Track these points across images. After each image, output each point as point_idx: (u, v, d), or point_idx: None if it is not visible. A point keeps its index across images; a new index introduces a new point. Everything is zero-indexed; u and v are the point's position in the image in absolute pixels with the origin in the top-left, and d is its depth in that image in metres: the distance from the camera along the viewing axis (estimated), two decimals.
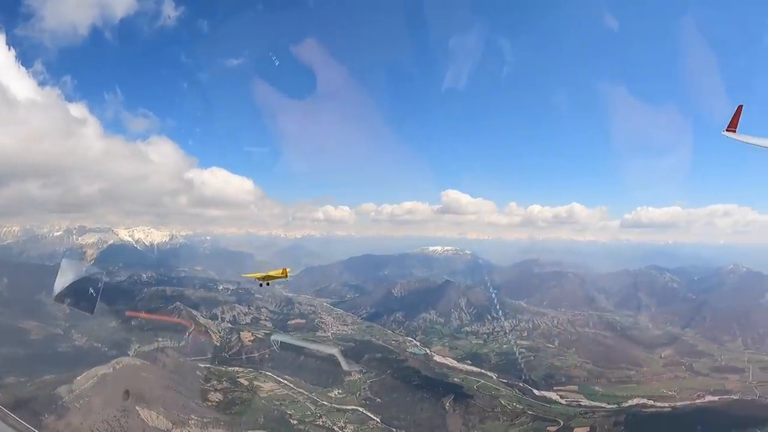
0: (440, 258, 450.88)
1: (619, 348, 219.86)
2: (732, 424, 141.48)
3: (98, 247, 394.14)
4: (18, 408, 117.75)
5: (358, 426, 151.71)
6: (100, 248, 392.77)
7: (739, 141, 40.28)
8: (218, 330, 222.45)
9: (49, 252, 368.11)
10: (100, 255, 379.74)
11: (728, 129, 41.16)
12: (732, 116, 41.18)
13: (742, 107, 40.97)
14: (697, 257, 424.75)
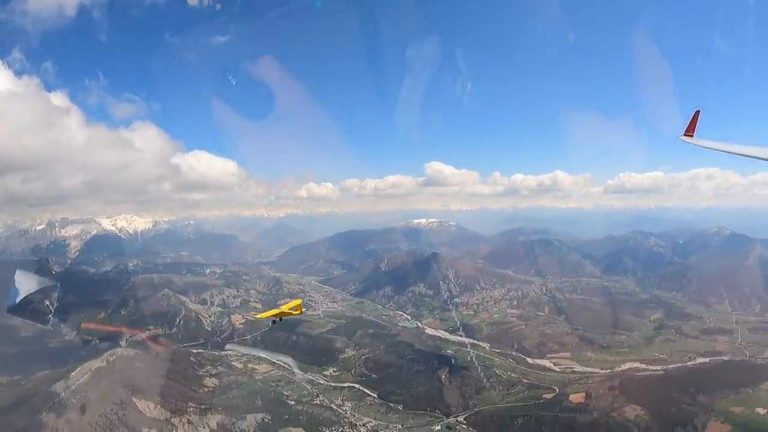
0: (425, 230, 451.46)
1: (608, 313, 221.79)
2: (724, 385, 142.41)
3: (82, 238, 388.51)
4: (17, 407, 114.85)
5: (356, 403, 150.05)
6: (83, 239, 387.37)
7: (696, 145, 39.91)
8: (208, 314, 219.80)
9: (32, 246, 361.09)
10: (84, 246, 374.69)
11: (686, 134, 41.14)
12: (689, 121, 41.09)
13: (699, 112, 41.08)
14: (680, 221, 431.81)
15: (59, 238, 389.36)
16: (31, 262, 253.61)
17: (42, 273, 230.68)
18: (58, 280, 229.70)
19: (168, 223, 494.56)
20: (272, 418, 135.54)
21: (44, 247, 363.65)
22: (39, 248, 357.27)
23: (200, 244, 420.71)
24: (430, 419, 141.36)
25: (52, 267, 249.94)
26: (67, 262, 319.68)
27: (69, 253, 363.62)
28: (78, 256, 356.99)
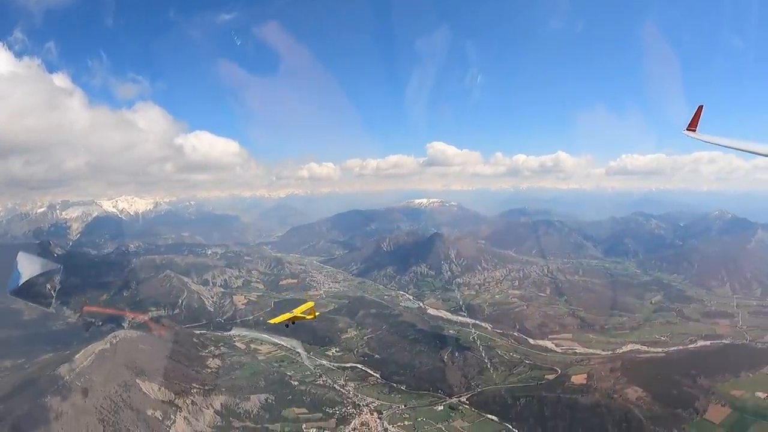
0: (426, 210, 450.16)
1: (609, 295, 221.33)
2: (725, 368, 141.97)
3: (83, 220, 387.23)
4: (21, 391, 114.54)
5: (358, 383, 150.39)
6: (84, 221, 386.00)
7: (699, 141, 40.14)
8: (210, 295, 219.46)
9: (33, 229, 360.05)
10: (85, 228, 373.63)
11: (688, 128, 41.18)
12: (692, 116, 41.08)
13: (702, 107, 40.84)
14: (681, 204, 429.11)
15: (60, 220, 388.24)
16: (32, 245, 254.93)
17: (44, 256, 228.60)
18: (60, 262, 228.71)
19: (169, 204, 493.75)
20: (276, 398, 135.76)
21: (45, 230, 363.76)
22: (40, 231, 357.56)
23: (201, 225, 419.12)
24: (433, 399, 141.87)
25: (53, 249, 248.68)
26: (68, 244, 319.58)
27: (70, 236, 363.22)
28: (79, 238, 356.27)
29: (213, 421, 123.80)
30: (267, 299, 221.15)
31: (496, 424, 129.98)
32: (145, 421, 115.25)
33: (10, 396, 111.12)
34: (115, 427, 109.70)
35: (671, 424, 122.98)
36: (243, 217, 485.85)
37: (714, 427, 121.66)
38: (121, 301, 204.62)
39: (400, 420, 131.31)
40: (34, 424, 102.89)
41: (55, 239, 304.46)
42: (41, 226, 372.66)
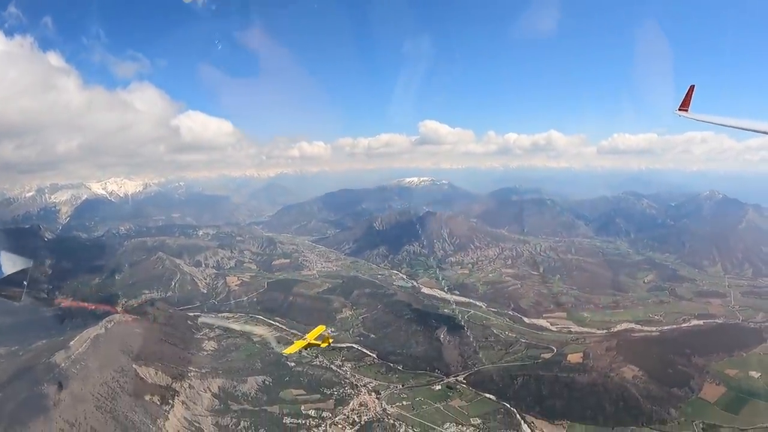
0: (417, 189, 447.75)
1: (602, 274, 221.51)
2: (718, 348, 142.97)
3: (72, 203, 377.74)
4: (17, 379, 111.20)
5: (355, 363, 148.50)
6: (74, 205, 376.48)
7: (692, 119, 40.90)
8: (203, 277, 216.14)
9: (22, 214, 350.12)
10: (74, 212, 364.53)
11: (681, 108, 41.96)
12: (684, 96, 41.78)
13: (693, 87, 41.44)
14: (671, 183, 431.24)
15: (49, 204, 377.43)
16: (21, 230, 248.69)
17: (34, 240, 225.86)
18: (51, 247, 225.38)
19: (158, 185, 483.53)
20: (273, 380, 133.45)
21: (35, 214, 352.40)
22: (29, 215, 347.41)
23: (192, 206, 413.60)
24: (430, 379, 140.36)
25: (43, 234, 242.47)
26: (58, 228, 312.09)
27: (60, 219, 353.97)
28: (69, 221, 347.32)
29: (211, 405, 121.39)
30: (260, 280, 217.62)
31: (494, 403, 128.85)
32: (143, 407, 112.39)
33: (6, 385, 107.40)
34: (113, 414, 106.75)
35: (667, 403, 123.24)
36: (233, 197, 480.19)
37: (709, 405, 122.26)
38: (113, 284, 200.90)
39: (398, 400, 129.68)
40: (31, 413, 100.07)
41: (45, 223, 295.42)
42: (30, 211, 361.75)
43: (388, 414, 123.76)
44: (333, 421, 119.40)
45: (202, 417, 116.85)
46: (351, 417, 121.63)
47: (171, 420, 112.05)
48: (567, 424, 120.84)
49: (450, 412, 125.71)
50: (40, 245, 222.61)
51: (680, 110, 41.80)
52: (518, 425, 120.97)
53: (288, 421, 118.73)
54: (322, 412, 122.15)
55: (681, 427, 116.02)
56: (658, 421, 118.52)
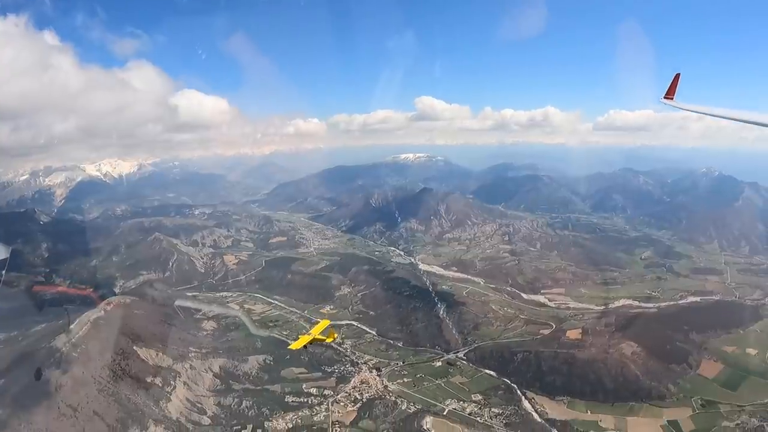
0: (413, 165, 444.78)
1: (599, 250, 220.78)
2: (716, 324, 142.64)
3: (67, 186, 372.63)
4: (18, 365, 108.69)
5: (355, 341, 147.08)
6: (69, 187, 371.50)
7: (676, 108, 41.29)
8: (201, 256, 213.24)
9: (17, 198, 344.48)
10: (70, 194, 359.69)
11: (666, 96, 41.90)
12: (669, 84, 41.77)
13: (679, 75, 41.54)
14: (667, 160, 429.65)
15: (44, 187, 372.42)
16: (17, 214, 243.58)
17: (29, 224, 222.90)
18: (47, 230, 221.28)
19: (153, 165, 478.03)
20: (274, 359, 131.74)
21: (29, 198, 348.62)
22: (24, 199, 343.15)
23: (187, 185, 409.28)
24: (431, 356, 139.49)
25: (39, 217, 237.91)
26: (53, 211, 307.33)
27: (55, 202, 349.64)
28: (64, 204, 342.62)
29: (213, 385, 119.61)
30: (258, 258, 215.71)
31: (495, 380, 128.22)
32: (145, 389, 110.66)
33: (8, 371, 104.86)
34: (116, 397, 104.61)
35: (666, 379, 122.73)
36: (228, 175, 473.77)
37: (708, 382, 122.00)
38: (111, 266, 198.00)
39: (399, 377, 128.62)
40: (34, 398, 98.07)
41: (40, 207, 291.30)
42: (25, 194, 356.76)
43: (390, 391, 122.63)
44: (335, 398, 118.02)
45: (204, 397, 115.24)
46: (353, 395, 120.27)
47: (173, 401, 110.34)
48: (567, 400, 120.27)
49: (451, 388, 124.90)
50: (36, 229, 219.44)
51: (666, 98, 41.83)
52: (519, 401, 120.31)
53: (290, 399, 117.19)
54: (323, 390, 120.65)
55: (680, 402, 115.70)
56: (657, 397, 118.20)
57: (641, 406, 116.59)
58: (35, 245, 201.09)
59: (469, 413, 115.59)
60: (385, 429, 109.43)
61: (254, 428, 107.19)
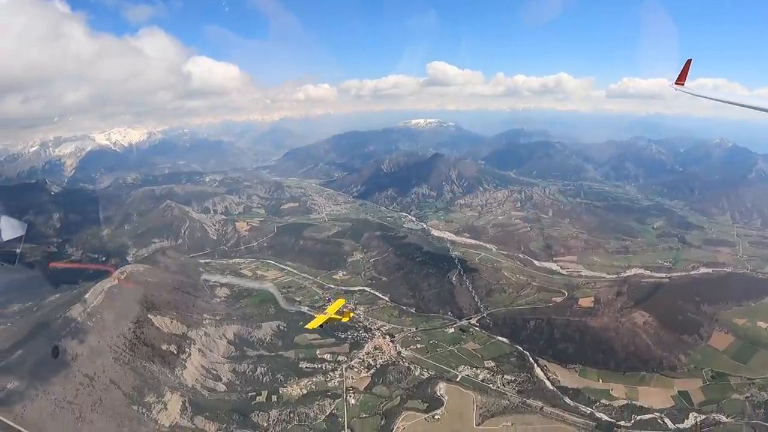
0: (424, 131, 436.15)
1: (611, 218, 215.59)
2: (727, 297, 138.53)
3: (77, 156, 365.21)
4: (35, 335, 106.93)
5: (368, 306, 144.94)
6: (79, 157, 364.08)
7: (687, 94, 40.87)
8: (212, 223, 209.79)
9: (27, 169, 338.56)
10: (80, 164, 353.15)
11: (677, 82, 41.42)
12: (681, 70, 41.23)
13: (690, 61, 41.14)
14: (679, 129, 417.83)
15: (54, 158, 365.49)
16: (28, 186, 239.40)
17: (40, 195, 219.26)
18: (58, 200, 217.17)
19: (162, 133, 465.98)
20: (287, 325, 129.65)
21: (39, 169, 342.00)
22: (34, 170, 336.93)
23: (197, 153, 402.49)
24: (443, 322, 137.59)
25: (50, 188, 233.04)
26: (64, 181, 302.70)
27: (65, 172, 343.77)
28: (75, 174, 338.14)
29: (227, 351, 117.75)
30: (269, 224, 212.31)
31: (507, 347, 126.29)
32: (161, 356, 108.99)
33: (25, 341, 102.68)
34: (131, 365, 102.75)
35: (677, 350, 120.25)
36: (238, 142, 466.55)
37: (718, 353, 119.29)
38: (123, 234, 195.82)
39: (412, 343, 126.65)
40: (51, 368, 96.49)
41: (50, 177, 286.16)
42: (35, 165, 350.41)
43: (403, 357, 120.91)
44: (349, 364, 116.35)
45: (219, 364, 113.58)
46: (366, 360, 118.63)
47: (189, 368, 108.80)
48: (579, 368, 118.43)
49: (464, 354, 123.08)
50: (47, 199, 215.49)
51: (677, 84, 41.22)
52: (531, 368, 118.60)
53: (304, 365, 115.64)
54: (337, 356, 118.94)
55: (690, 374, 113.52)
56: (668, 368, 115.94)
57: (652, 376, 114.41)
58: (47, 216, 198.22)
59: (482, 380, 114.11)
60: (398, 395, 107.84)
61: (269, 394, 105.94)
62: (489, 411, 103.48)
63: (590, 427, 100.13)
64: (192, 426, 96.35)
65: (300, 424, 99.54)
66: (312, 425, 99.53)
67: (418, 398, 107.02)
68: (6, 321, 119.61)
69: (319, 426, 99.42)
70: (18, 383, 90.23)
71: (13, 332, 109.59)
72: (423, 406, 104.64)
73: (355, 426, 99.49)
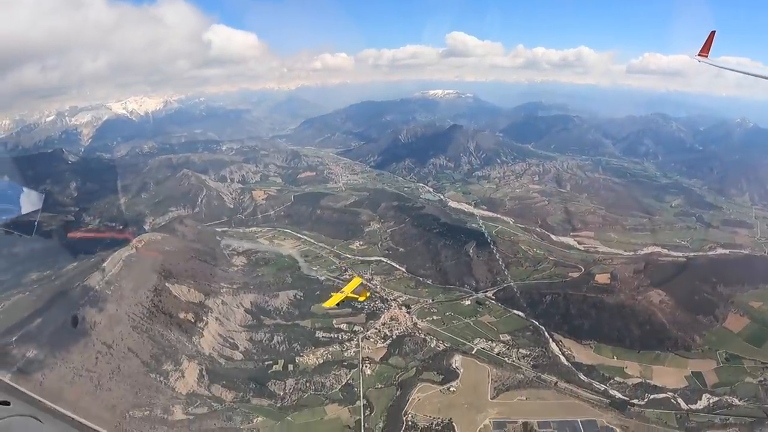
0: (442, 101, 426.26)
1: (630, 195, 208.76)
2: (744, 279, 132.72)
3: (93, 125, 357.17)
4: (54, 304, 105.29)
5: (384, 277, 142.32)
6: (95, 126, 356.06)
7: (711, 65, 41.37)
8: (229, 192, 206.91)
9: (44, 139, 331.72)
10: (96, 133, 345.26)
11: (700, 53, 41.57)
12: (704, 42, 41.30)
13: (714, 33, 40.65)
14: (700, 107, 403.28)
15: (70, 127, 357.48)
16: (45, 155, 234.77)
17: (57, 164, 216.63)
18: (75, 169, 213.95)
19: (178, 101, 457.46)
20: (304, 294, 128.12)
21: (56, 139, 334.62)
22: (51, 140, 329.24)
23: (213, 121, 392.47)
24: (460, 294, 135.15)
25: (67, 157, 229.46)
26: (81, 150, 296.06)
27: (82, 142, 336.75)
28: (91, 143, 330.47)
29: (244, 320, 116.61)
30: (286, 193, 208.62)
31: (523, 321, 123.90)
32: (178, 325, 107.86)
33: (44, 310, 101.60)
34: (149, 334, 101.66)
35: (692, 330, 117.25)
36: (254, 111, 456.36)
37: (733, 336, 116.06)
38: (140, 203, 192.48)
39: (428, 315, 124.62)
40: (70, 336, 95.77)
41: (67, 147, 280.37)
42: (51, 135, 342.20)
43: (419, 328, 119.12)
44: (365, 335, 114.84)
45: (236, 333, 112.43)
46: (382, 331, 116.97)
47: (206, 336, 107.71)
48: (594, 344, 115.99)
49: (480, 327, 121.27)
50: (64, 169, 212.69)
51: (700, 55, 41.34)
52: (546, 343, 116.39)
53: (320, 335, 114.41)
54: (353, 326, 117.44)
55: (704, 355, 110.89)
56: (683, 347, 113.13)
57: (667, 355, 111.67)
58: (64, 185, 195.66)
59: (498, 353, 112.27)
60: (414, 366, 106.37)
61: (285, 363, 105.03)
62: (504, 384, 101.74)
63: (604, 404, 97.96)
64: (209, 394, 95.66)
65: (316, 393, 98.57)
66: (328, 395, 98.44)
67: (434, 370, 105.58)
68: (25, 290, 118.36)
69: (335, 396, 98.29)
70: (37, 352, 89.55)
71: (31, 301, 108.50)
72: (438, 378, 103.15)
73: (370, 396, 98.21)
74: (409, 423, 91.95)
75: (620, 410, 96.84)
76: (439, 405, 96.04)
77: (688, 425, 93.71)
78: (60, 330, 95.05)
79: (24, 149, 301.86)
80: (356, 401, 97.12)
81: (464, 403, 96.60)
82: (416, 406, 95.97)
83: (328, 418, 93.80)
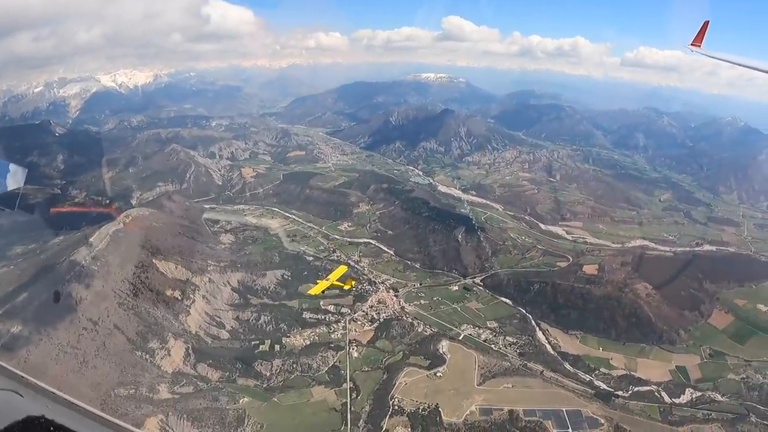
0: (434, 85, 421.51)
1: (619, 187, 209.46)
2: (729, 276, 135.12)
3: (82, 97, 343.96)
4: (39, 279, 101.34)
5: (372, 259, 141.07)
6: (83, 98, 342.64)
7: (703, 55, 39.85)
8: (218, 168, 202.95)
9: (31, 110, 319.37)
10: (84, 105, 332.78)
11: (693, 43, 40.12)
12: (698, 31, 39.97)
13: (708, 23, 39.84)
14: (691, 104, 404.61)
15: (58, 98, 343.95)
16: (32, 126, 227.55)
17: (45, 136, 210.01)
18: (62, 141, 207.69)
19: (169, 76, 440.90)
20: (292, 274, 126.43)
21: (44, 110, 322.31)
22: (38, 111, 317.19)
23: (203, 97, 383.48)
24: (448, 279, 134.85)
25: (54, 129, 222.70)
26: (68, 122, 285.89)
27: (70, 114, 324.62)
28: (79, 115, 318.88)
29: (231, 299, 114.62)
30: (275, 171, 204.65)
31: (510, 308, 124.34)
32: (165, 302, 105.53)
33: (29, 284, 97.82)
34: (135, 311, 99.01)
35: (677, 324, 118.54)
36: (245, 87, 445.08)
37: (717, 332, 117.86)
38: (127, 177, 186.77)
39: (416, 299, 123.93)
40: (55, 312, 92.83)
41: (55, 118, 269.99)
42: (39, 106, 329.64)
43: (407, 312, 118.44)
44: (352, 317, 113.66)
45: (222, 311, 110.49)
46: (370, 314, 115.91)
47: (192, 315, 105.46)
48: (580, 335, 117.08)
49: (467, 313, 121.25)
50: (51, 140, 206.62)
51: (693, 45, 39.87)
52: (533, 332, 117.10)
53: (308, 316, 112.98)
54: (341, 308, 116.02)
55: (689, 350, 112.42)
56: (667, 341, 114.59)
57: (651, 349, 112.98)
58: (51, 157, 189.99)
59: (484, 340, 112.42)
60: (401, 350, 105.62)
61: (272, 344, 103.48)
62: (490, 371, 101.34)
63: (589, 395, 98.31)
64: (195, 373, 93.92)
65: (303, 374, 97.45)
66: (314, 376, 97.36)
67: (421, 354, 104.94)
68: (9, 263, 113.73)
69: (322, 377, 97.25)
70: (22, 327, 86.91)
71: (16, 275, 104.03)
72: (425, 362, 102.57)
73: (357, 379, 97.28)
74: (396, 407, 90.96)
75: (605, 401, 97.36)
76: (425, 390, 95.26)
77: (671, 419, 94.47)
78: (45, 305, 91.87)
79: (11, 120, 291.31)
80: (343, 384, 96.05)
81: (451, 389, 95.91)
82: (403, 390, 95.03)
83: (315, 400, 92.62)
